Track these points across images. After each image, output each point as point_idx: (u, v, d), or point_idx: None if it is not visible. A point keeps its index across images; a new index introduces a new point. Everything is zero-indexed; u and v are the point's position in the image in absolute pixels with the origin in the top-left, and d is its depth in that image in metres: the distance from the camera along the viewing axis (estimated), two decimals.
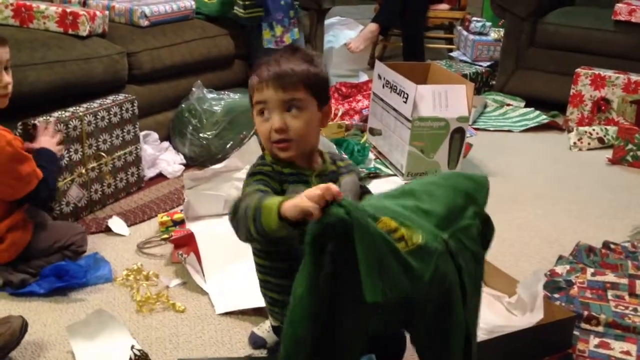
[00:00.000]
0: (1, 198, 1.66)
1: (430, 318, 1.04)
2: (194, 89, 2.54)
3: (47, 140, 1.82)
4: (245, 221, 1.05)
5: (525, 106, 3.43)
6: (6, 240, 1.68)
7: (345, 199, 0.90)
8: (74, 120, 1.95)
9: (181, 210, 2.02)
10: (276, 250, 1.27)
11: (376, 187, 2.45)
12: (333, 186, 0.90)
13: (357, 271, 0.87)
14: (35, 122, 1.85)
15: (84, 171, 2.02)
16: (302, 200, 0.91)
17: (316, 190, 0.90)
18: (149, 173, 2.38)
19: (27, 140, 1.77)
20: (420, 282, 0.95)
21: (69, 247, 1.78)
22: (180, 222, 2.00)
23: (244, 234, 1.07)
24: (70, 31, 2.18)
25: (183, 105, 2.48)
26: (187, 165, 2.48)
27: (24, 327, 1.45)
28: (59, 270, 1.70)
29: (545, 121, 3.23)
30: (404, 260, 0.93)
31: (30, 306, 1.64)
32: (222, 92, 2.58)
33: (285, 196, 1.01)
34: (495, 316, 1.62)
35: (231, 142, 2.44)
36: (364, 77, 3.67)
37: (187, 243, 1.84)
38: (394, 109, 2.56)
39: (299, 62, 1.21)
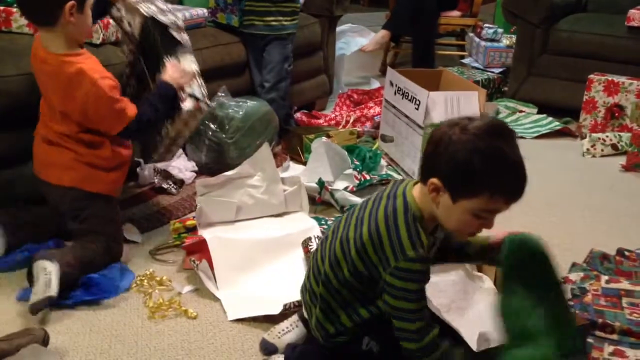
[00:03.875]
0: (102, 131, 1.79)
1: None
2: (218, 93, 2.55)
3: (170, 74, 1.90)
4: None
5: (538, 113, 3.41)
6: (114, 172, 1.85)
7: None
8: None
9: (193, 217, 2.03)
10: None
11: None
12: None
13: None
14: (165, 60, 1.94)
15: None
16: None
17: None
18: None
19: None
20: None
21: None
22: (193, 229, 2.01)
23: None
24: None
25: None
26: (199, 173, 2.49)
27: (45, 338, 1.47)
28: (87, 282, 1.71)
29: (558, 128, 3.21)
30: None
31: (44, 311, 1.64)
32: (241, 99, 2.59)
33: None
34: None
35: (248, 149, 2.45)
36: (375, 84, 3.67)
37: (199, 250, 1.84)
38: (406, 116, 2.56)
39: None
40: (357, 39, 4.14)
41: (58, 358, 1.48)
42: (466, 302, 1.66)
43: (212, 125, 2.48)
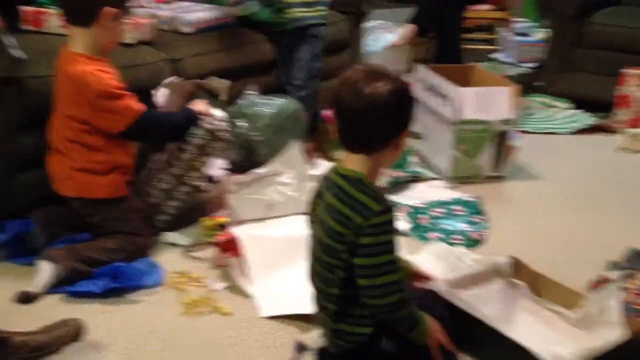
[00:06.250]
0: (104, 129, 1.80)
1: None
2: (248, 91, 2.57)
3: (198, 105, 2.00)
4: (406, 323, 1.31)
5: (572, 108, 3.36)
6: (111, 175, 1.84)
7: None
8: None
9: (225, 215, 2.05)
10: None
11: (418, 190, 2.44)
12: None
13: None
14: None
15: None
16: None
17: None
18: None
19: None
20: None
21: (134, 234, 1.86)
22: (225, 226, 2.02)
23: (402, 325, 1.31)
24: None
25: (233, 109, 2.50)
26: (230, 170, 2.51)
27: (82, 330, 1.49)
28: (115, 271, 1.74)
29: (593, 123, 3.16)
30: None
31: (82, 307, 1.68)
32: (270, 97, 2.60)
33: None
34: (558, 334, 1.55)
35: (278, 146, 2.45)
36: None
37: (231, 247, 1.85)
38: (436, 112, 2.54)
39: None
40: (385, 35, 4.11)
41: (96, 353, 1.50)
42: (512, 313, 1.62)
43: (241, 123, 2.50)
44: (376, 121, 1.24)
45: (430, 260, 1.80)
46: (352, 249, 1.26)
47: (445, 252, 1.88)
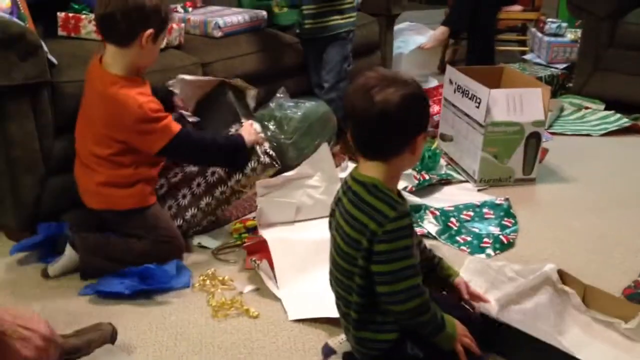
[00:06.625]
0: (141, 150, 1.82)
1: None
2: (278, 94, 2.58)
3: (248, 131, 1.97)
4: (430, 327, 1.30)
5: (605, 109, 3.29)
6: (136, 186, 1.84)
7: None
8: None
9: (254, 218, 2.06)
10: None
11: (448, 193, 2.42)
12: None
13: None
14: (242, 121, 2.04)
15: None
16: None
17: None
18: None
19: None
20: None
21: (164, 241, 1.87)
22: (253, 229, 2.04)
23: (426, 329, 1.30)
24: None
25: (263, 112, 2.52)
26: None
27: (114, 334, 1.52)
28: (144, 272, 1.76)
29: (627, 124, 3.09)
30: None
31: (112, 309, 1.70)
32: (299, 100, 2.60)
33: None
34: (613, 347, 1.50)
35: (307, 149, 2.46)
36: (434, 82, 3.62)
37: (260, 250, 1.86)
38: (466, 114, 2.51)
39: None
40: (415, 37, 4.09)
41: (126, 355, 1.53)
42: (564, 324, 1.58)
43: (271, 126, 2.51)
44: (388, 129, 1.23)
45: (469, 278, 1.69)
46: (368, 255, 1.25)
47: (483, 267, 1.78)
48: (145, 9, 1.73)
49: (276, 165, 2.04)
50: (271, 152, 2.05)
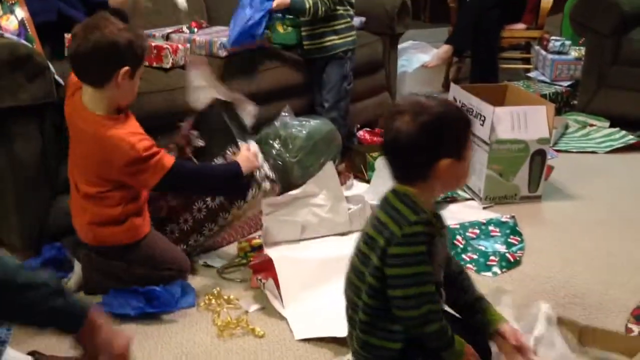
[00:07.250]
0: (136, 187, 1.80)
1: None
2: (283, 113, 2.59)
3: (246, 156, 1.92)
4: (438, 340, 1.28)
5: (610, 126, 3.29)
6: (126, 222, 1.81)
7: None
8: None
9: (259, 236, 2.06)
10: None
11: (453, 211, 2.41)
12: None
13: None
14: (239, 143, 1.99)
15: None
16: None
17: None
18: None
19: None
20: None
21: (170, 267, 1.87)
22: (259, 248, 2.03)
23: (434, 341, 1.28)
24: (154, 64, 2.28)
25: (268, 131, 2.53)
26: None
27: None
28: (150, 294, 1.76)
29: (633, 141, 3.09)
30: None
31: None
32: (304, 118, 2.61)
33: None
34: None
35: (312, 167, 2.46)
36: None
37: (265, 268, 1.86)
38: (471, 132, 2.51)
39: None
40: (419, 55, 4.11)
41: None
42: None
43: (276, 145, 2.51)
44: (400, 155, 1.28)
45: None
46: (382, 255, 1.25)
47: None
48: (119, 46, 1.64)
49: (277, 190, 2.04)
50: (271, 175, 2.03)
